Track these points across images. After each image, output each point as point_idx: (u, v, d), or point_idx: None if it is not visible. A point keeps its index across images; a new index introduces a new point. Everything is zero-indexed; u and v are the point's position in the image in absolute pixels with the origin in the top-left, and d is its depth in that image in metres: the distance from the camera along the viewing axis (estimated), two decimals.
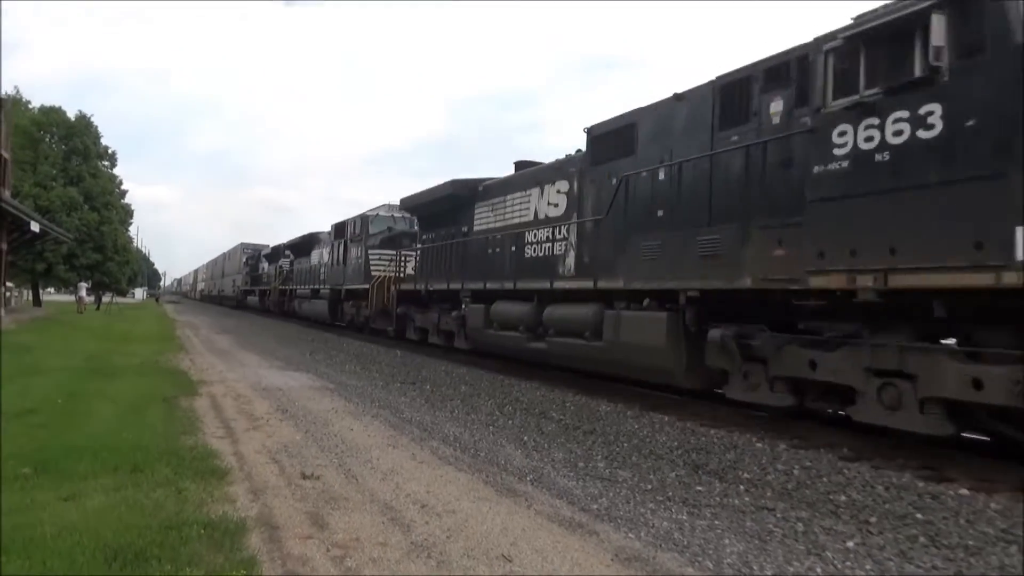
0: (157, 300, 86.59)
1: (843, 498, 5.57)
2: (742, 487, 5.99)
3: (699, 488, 5.97)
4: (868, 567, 4.24)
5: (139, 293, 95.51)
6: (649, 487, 6.00)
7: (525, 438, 7.82)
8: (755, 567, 4.17)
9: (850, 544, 4.62)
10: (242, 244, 52.81)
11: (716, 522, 5.06)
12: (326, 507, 4.90)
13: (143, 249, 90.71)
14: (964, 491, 5.51)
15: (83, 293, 41.54)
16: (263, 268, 42.62)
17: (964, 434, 6.71)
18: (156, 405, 8.72)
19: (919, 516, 5.09)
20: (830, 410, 7.69)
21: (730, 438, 7.47)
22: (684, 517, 5.15)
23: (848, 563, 4.30)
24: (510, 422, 8.81)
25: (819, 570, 4.19)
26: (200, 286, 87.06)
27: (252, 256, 47.58)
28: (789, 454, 6.77)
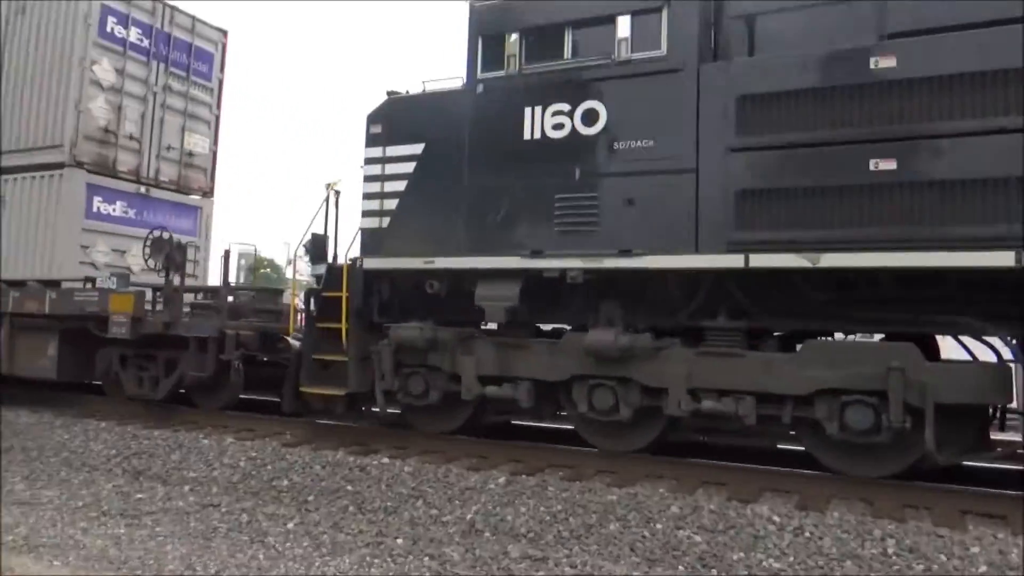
0: None
1: (285, 482, 5.93)
2: (187, 487, 5.88)
3: (140, 496, 5.66)
4: (305, 544, 4.64)
5: None
6: (81, 504, 5.44)
7: None
8: (199, 567, 4.17)
9: (290, 525, 4.98)
10: None
11: (158, 529, 4.88)
12: None
13: None
14: (385, 460, 6.38)
15: None
16: None
17: None
18: None
19: (349, 488, 5.74)
20: None
21: (175, 438, 7.20)
22: (122, 531, 4.84)
23: (288, 544, 4.63)
24: None
25: (261, 556, 4.42)
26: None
27: None
28: (236, 447, 6.87)
